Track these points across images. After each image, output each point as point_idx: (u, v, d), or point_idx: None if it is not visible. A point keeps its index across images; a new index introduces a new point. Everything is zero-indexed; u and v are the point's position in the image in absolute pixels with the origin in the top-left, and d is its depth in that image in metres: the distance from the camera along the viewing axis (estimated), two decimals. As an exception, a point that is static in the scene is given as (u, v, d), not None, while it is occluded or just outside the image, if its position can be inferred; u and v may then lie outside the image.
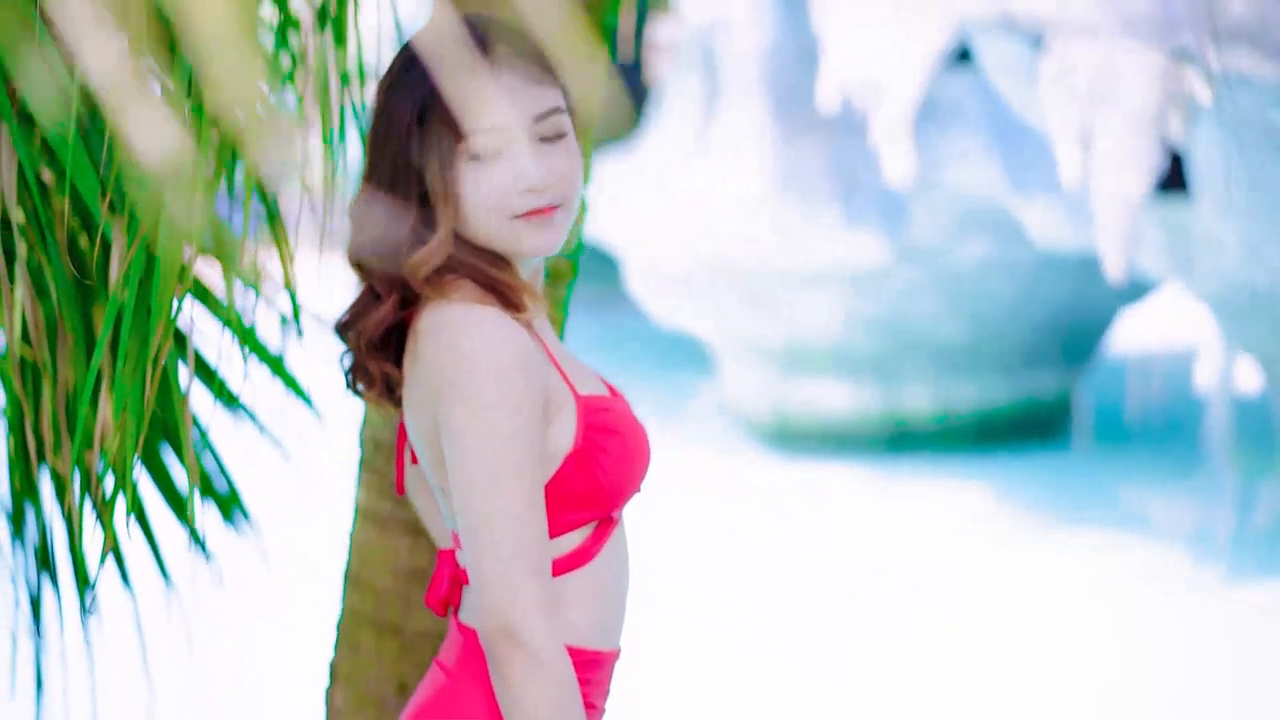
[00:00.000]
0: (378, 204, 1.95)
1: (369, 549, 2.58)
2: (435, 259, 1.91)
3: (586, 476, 1.95)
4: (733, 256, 10.67)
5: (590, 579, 1.99)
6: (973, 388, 11.19)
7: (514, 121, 1.91)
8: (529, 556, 1.85)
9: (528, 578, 1.84)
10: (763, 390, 11.35)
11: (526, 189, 1.92)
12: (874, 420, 11.18)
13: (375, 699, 2.58)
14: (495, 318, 1.89)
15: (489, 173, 1.92)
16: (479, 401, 1.85)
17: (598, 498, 1.96)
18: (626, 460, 1.98)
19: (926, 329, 10.86)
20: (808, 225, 10.46)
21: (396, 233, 1.92)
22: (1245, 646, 7.39)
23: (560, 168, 1.94)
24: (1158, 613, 7.88)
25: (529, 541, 1.85)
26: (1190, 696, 6.77)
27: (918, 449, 11.04)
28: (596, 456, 1.95)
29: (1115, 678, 6.93)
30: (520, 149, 1.92)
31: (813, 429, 11.27)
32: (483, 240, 1.94)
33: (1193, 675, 7.01)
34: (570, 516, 1.96)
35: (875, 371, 11.07)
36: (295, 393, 2.86)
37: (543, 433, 1.90)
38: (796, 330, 10.91)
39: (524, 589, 1.84)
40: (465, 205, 1.92)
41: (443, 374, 1.88)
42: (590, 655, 1.99)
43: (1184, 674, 7.02)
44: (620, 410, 2.00)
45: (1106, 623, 7.69)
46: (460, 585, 2.01)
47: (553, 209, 1.95)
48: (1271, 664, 7.12)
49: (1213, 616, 7.80)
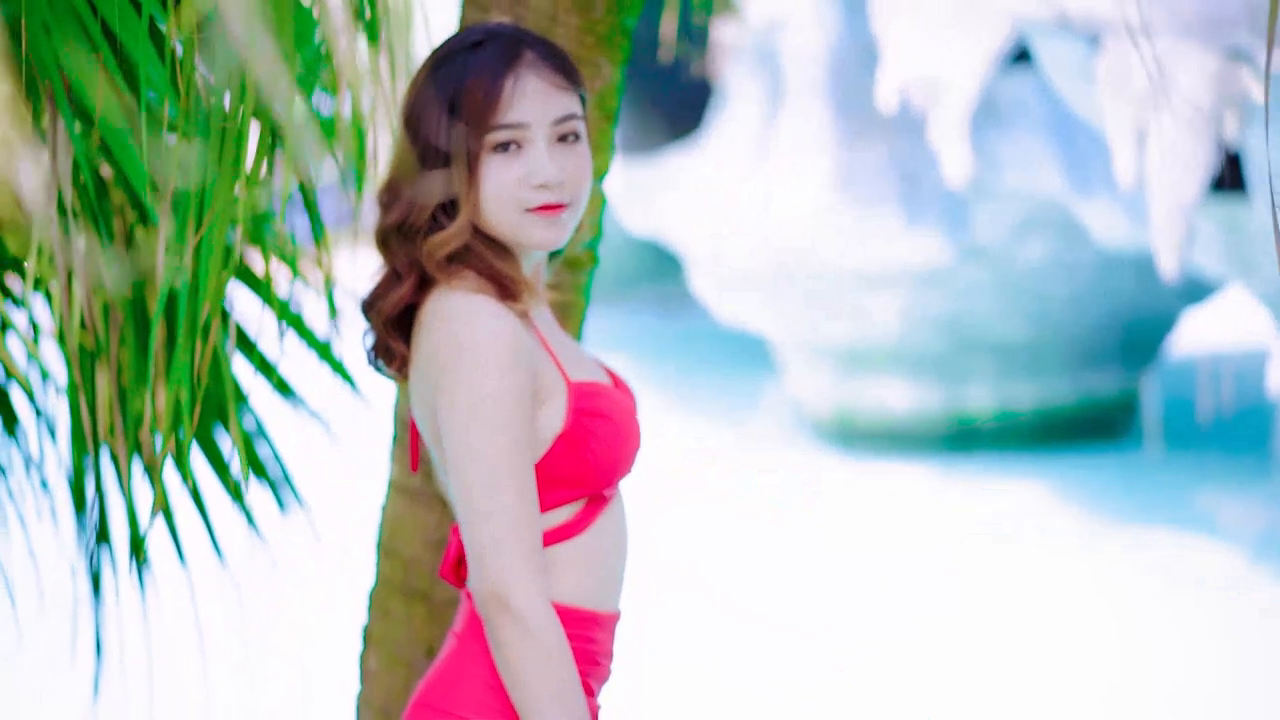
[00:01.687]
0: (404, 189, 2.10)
1: (400, 520, 2.73)
2: (453, 244, 2.07)
3: (576, 457, 2.10)
4: (796, 257, 10.77)
5: (582, 549, 2.13)
6: (1033, 387, 11.23)
7: (535, 121, 2.06)
8: (519, 530, 1.99)
9: (517, 549, 1.99)
10: (825, 389, 11.45)
11: (540, 184, 2.08)
12: (935, 419, 11.24)
13: (405, 661, 2.73)
14: (490, 308, 2.04)
15: (508, 165, 2.08)
16: (473, 387, 2.00)
17: (587, 477, 2.11)
18: (614, 443, 2.12)
19: (988, 328, 10.91)
20: (869, 226, 10.55)
21: (420, 217, 2.08)
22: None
23: (572, 168, 2.10)
24: (1216, 615, 7.87)
25: (519, 517, 2.00)
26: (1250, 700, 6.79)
27: (978, 448, 11.09)
28: (585, 439, 2.10)
29: (1174, 680, 6.95)
30: (538, 147, 2.08)
31: (875, 427, 11.34)
32: (494, 231, 2.10)
33: (1250, 679, 7.02)
34: (561, 493, 2.11)
35: (937, 370, 11.13)
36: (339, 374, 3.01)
37: (532, 415, 2.04)
38: (859, 330, 10.99)
39: (514, 559, 1.99)
40: (483, 195, 2.07)
41: (441, 359, 2.04)
42: (586, 614, 2.13)
43: (1242, 677, 7.04)
44: (610, 396, 2.14)
45: (1164, 624, 7.69)
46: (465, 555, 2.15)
47: (562, 207, 2.10)
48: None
49: (1272, 621, 7.80)
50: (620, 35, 2.61)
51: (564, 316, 2.66)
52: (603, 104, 2.60)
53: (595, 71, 2.57)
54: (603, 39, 2.58)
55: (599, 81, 2.58)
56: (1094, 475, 10.45)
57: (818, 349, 11.29)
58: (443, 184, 2.08)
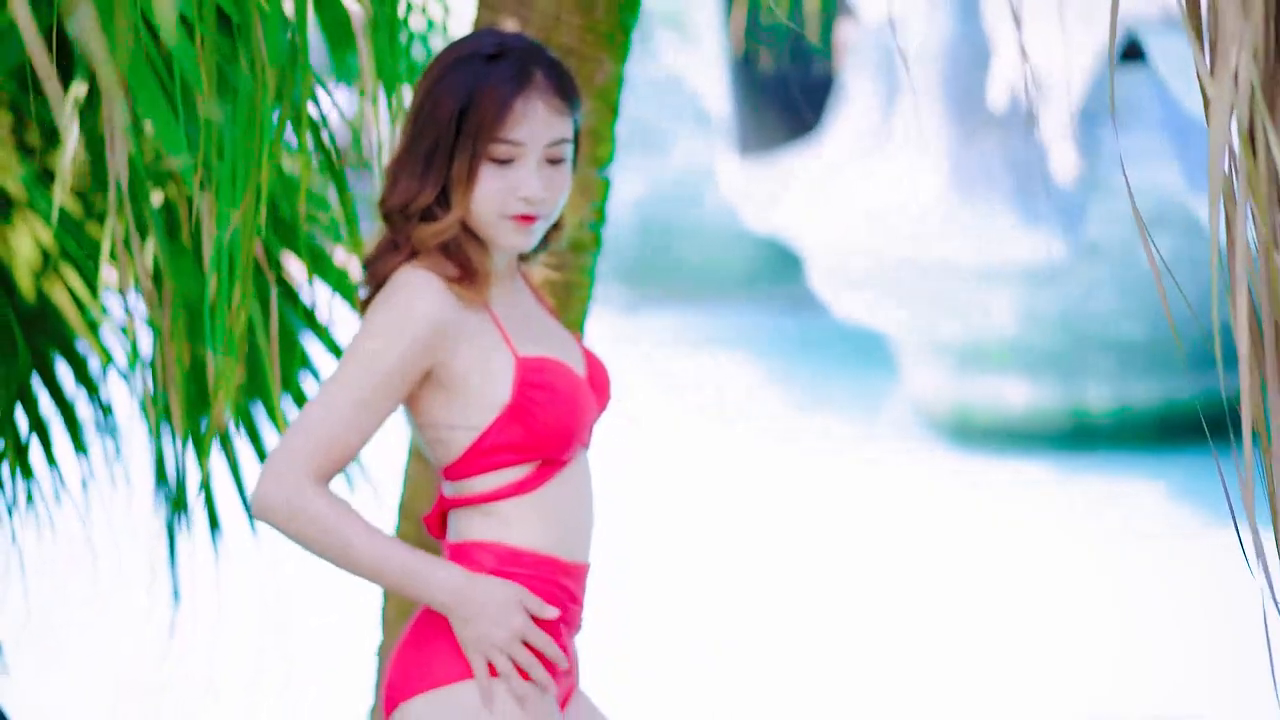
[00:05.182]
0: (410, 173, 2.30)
1: (417, 481, 2.94)
2: (445, 235, 2.30)
3: (522, 425, 2.30)
4: (912, 254, 10.85)
5: (536, 503, 2.32)
6: (1152, 385, 11.18)
7: (531, 141, 2.29)
8: (305, 449, 2.23)
9: (286, 461, 2.22)
10: (943, 386, 11.51)
11: (524, 197, 2.29)
12: (1053, 416, 11.25)
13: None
14: (431, 283, 2.28)
15: (500, 175, 2.31)
16: (370, 334, 2.27)
17: (534, 444, 2.31)
18: (560, 412, 2.31)
19: (1105, 326, 10.90)
20: (985, 223, 10.60)
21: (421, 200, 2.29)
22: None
23: (554, 187, 2.33)
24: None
25: (318, 440, 2.23)
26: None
27: (1096, 446, 11.07)
28: (530, 409, 2.30)
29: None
30: (529, 164, 2.30)
31: (992, 424, 11.38)
32: (473, 225, 2.31)
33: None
34: (508, 457, 2.32)
35: (1054, 368, 11.14)
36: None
37: (408, 382, 2.27)
38: (976, 327, 11.04)
39: (277, 471, 2.22)
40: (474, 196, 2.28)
41: (372, 305, 2.31)
42: (550, 560, 2.32)
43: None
44: (558, 370, 2.34)
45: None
46: (445, 510, 2.36)
47: (535, 218, 2.32)
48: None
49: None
50: (621, 33, 2.79)
51: (568, 295, 2.85)
52: (605, 98, 2.78)
53: (597, 68, 2.76)
54: (604, 37, 2.77)
55: (601, 77, 2.77)
56: (1213, 474, 10.39)
57: (936, 346, 11.35)
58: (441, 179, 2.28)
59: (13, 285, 3.55)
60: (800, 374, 13.53)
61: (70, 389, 3.70)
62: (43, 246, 3.58)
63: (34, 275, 3.57)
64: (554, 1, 2.78)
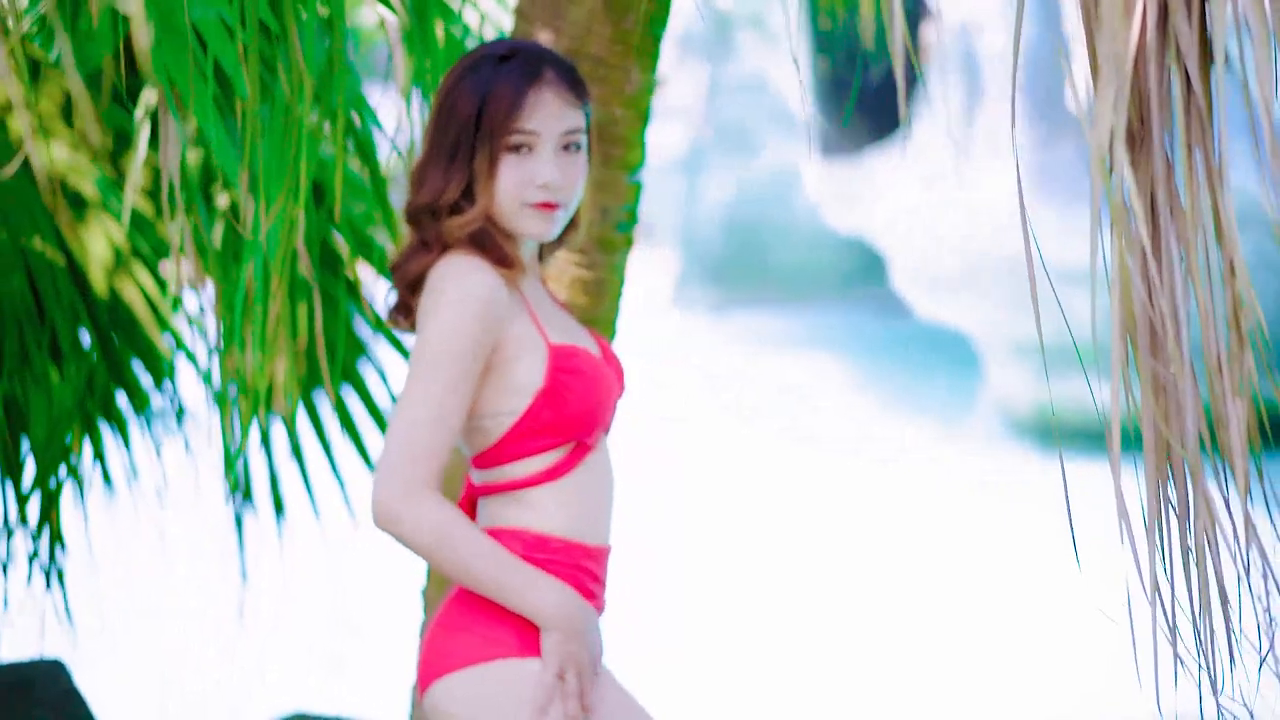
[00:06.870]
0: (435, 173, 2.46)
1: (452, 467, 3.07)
2: (471, 226, 2.44)
3: (554, 409, 2.42)
4: (995, 255, 10.88)
5: (566, 489, 2.45)
6: (1236, 386, 11.11)
7: (546, 130, 2.44)
8: (407, 456, 2.34)
9: (400, 470, 2.33)
10: (1028, 387, 11.51)
11: (542, 184, 2.44)
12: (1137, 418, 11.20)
13: (457, 592, 3.08)
14: (477, 265, 2.41)
15: (519, 165, 2.46)
16: (440, 326, 2.37)
17: (566, 426, 2.43)
18: (589, 396, 2.44)
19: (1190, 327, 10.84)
20: (1067, 224, 10.61)
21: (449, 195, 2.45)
22: None
23: (570, 174, 2.47)
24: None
25: (420, 447, 2.34)
26: None
27: (1180, 447, 11.00)
28: (562, 393, 2.42)
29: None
30: (545, 153, 2.45)
31: (1077, 426, 11.37)
32: (497, 217, 2.45)
33: None
34: (545, 440, 2.44)
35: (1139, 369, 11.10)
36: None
37: (480, 367, 2.39)
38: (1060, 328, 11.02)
39: (392, 480, 2.33)
40: (496, 187, 2.43)
41: (425, 306, 2.42)
42: (575, 545, 2.45)
43: None
44: (586, 357, 2.47)
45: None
46: (474, 498, 2.50)
47: (556, 206, 2.45)
48: None
49: None
50: (650, 42, 2.92)
51: (600, 293, 2.99)
52: (635, 105, 2.92)
53: (625, 77, 2.90)
54: (633, 48, 2.90)
55: (629, 86, 2.91)
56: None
57: (1019, 347, 11.37)
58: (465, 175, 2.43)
59: (87, 282, 3.74)
60: (885, 375, 13.56)
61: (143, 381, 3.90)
62: (115, 245, 3.77)
63: (107, 273, 3.76)
64: (585, 12, 2.92)
